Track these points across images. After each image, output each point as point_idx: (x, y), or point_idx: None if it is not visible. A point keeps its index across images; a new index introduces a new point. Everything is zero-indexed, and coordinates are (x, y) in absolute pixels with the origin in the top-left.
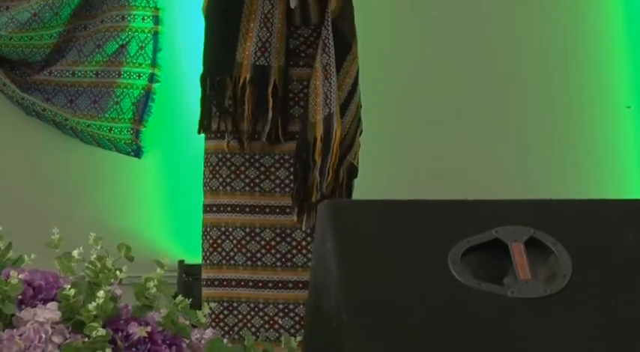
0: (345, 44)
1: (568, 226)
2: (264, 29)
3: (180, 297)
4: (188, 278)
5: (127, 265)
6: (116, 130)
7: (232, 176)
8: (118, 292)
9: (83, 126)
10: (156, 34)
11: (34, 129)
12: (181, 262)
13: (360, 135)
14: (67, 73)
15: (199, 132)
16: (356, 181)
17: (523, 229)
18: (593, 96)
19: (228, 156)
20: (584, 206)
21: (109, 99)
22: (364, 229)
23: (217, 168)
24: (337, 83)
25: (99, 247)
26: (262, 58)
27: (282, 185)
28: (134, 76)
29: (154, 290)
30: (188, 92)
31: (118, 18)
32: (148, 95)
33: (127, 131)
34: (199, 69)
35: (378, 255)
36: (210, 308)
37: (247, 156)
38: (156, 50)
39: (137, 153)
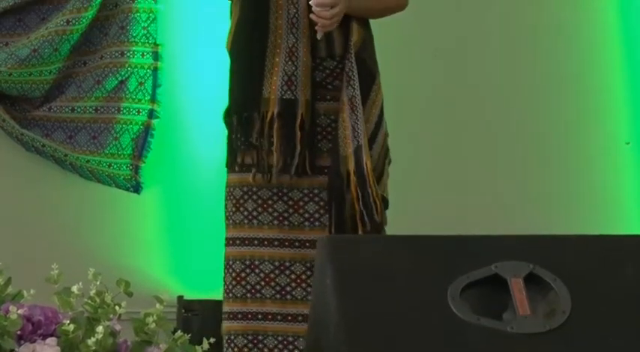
0: (370, 75)
1: (567, 262)
2: (290, 63)
3: (179, 333)
4: (187, 314)
5: (126, 300)
6: (115, 166)
7: (259, 209)
8: (117, 327)
9: (82, 161)
10: (155, 70)
11: (33, 164)
12: (180, 298)
13: (389, 164)
14: (67, 109)
15: (227, 168)
16: None
17: (522, 265)
18: (591, 132)
19: (255, 189)
20: (583, 242)
21: (108, 135)
22: (363, 265)
23: (242, 201)
24: (364, 115)
25: (98, 282)
26: (289, 92)
27: (312, 219)
28: (133, 111)
29: (153, 325)
30: (187, 128)
31: (117, 54)
32: (147, 131)
33: (127, 167)
34: (199, 105)
35: (377, 291)
36: (232, 342)
37: (275, 190)
38: (155, 86)
39: (136, 188)
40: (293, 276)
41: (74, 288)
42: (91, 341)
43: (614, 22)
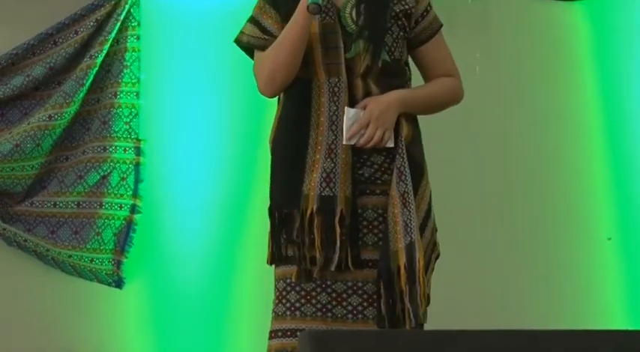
0: (419, 170)
1: None
2: (329, 160)
3: None
4: None
5: None
6: (97, 261)
7: (302, 301)
8: None
9: (64, 256)
10: (137, 165)
11: (15, 259)
12: None
13: (437, 259)
14: (49, 204)
15: (270, 263)
16: None
17: None
18: (573, 228)
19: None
20: (566, 337)
21: (90, 230)
22: None
23: (284, 293)
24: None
25: None
26: (327, 189)
27: (355, 311)
28: (115, 206)
29: None
30: (169, 223)
31: (99, 149)
32: (129, 226)
33: (109, 262)
34: (181, 200)
35: None
36: None
37: (319, 282)
38: (137, 181)
39: (118, 283)
40: None
41: None
42: None
43: (597, 111)
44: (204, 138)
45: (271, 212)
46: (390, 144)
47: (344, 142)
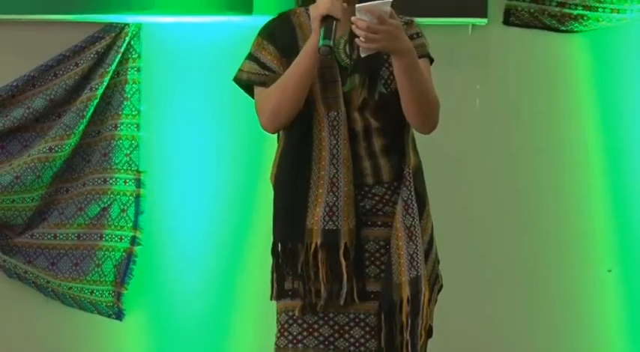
0: (422, 202)
1: None
2: (331, 194)
3: None
4: None
5: None
6: (97, 293)
7: (304, 333)
8: None
9: (64, 288)
10: (137, 197)
11: (15, 291)
12: None
13: (440, 291)
14: (49, 236)
15: (272, 299)
16: None
17: None
18: (573, 260)
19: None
20: None
21: (90, 262)
22: None
23: (287, 325)
24: None
25: None
26: (331, 223)
27: (357, 344)
28: (116, 238)
29: None
30: (169, 255)
31: (99, 181)
32: (129, 258)
33: (109, 294)
34: (180, 232)
35: None
36: None
37: (321, 314)
38: (137, 213)
39: (118, 315)
40: None
41: None
42: None
43: (596, 144)
44: (204, 171)
45: (275, 246)
46: (362, 54)
47: (357, 4)
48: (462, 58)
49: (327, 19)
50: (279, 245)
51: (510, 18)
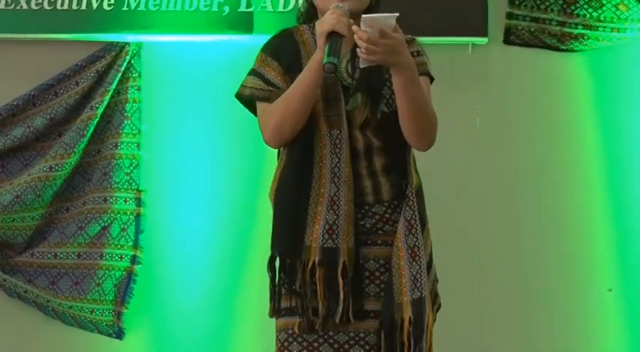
0: (422, 221)
1: None
2: (331, 212)
3: None
4: None
5: None
6: (98, 312)
7: None
8: None
9: (65, 307)
10: (138, 216)
11: (15, 310)
12: None
13: (438, 310)
14: (49, 255)
15: (271, 316)
16: None
17: None
18: (573, 279)
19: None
20: None
21: (90, 281)
22: None
23: (286, 344)
24: None
25: None
26: (330, 241)
27: None
28: (116, 257)
29: None
30: (170, 274)
31: (100, 200)
32: (129, 277)
33: (109, 313)
34: (181, 251)
35: None
36: None
37: (321, 333)
38: (138, 232)
39: (119, 334)
40: None
41: None
42: None
43: (597, 163)
44: (204, 190)
45: (273, 263)
46: (362, 65)
47: (363, 15)
48: (463, 77)
49: (332, 36)
50: (278, 261)
51: (511, 37)
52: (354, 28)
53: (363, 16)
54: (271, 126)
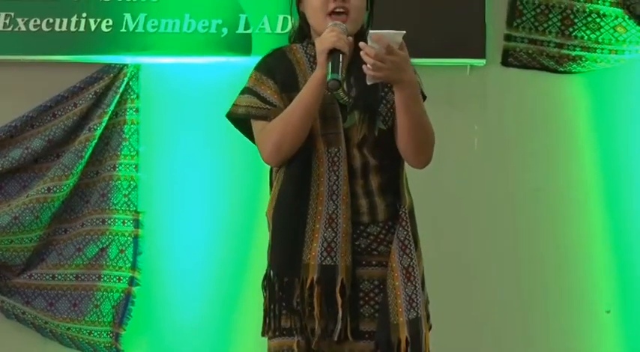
0: (415, 242)
1: None
2: (330, 229)
3: None
4: None
5: None
6: (96, 333)
7: None
8: None
9: (63, 329)
10: (136, 237)
11: (13, 331)
12: None
13: (429, 330)
14: (47, 276)
15: (264, 335)
16: None
17: None
18: (572, 300)
19: None
20: None
21: (88, 303)
22: None
23: None
24: None
25: None
26: (329, 258)
27: None
28: (114, 279)
29: None
30: (168, 296)
31: (98, 221)
32: (127, 298)
33: (107, 334)
34: (179, 273)
35: None
36: None
37: None
38: (136, 253)
39: None
40: None
41: None
42: None
43: (595, 185)
44: (202, 211)
45: (270, 280)
46: (368, 81)
47: (370, 31)
48: (461, 98)
49: (333, 53)
50: (276, 278)
51: (508, 59)
52: (362, 44)
53: (371, 31)
54: (270, 144)
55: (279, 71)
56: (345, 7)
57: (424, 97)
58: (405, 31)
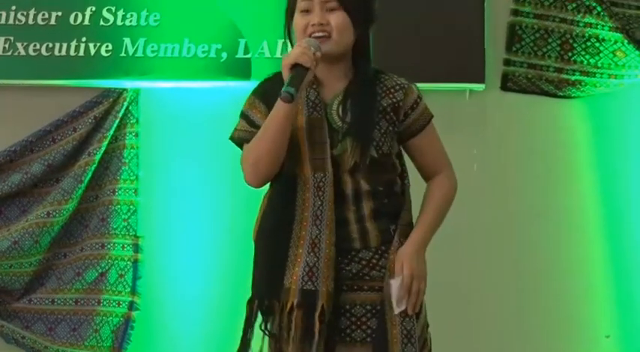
0: None
1: None
2: (312, 254)
3: None
4: None
5: None
6: None
7: None
8: None
9: None
10: (135, 261)
11: None
12: None
13: None
14: (47, 301)
15: None
16: None
17: None
18: (571, 326)
19: None
20: None
21: (88, 327)
22: None
23: None
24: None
25: None
26: (310, 283)
27: None
28: (114, 303)
29: None
30: (167, 321)
31: (97, 246)
32: (127, 323)
33: None
34: (179, 297)
35: None
36: None
37: None
38: (135, 278)
39: None
40: None
41: None
42: None
43: (594, 210)
44: (202, 236)
45: (251, 303)
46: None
47: (395, 312)
48: (460, 122)
49: (295, 68)
50: (257, 301)
51: (508, 83)
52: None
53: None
54: (247, 164)
55: (274, 95)
56: (326, 29)
57: (431, 117)
58: (401, 277)
